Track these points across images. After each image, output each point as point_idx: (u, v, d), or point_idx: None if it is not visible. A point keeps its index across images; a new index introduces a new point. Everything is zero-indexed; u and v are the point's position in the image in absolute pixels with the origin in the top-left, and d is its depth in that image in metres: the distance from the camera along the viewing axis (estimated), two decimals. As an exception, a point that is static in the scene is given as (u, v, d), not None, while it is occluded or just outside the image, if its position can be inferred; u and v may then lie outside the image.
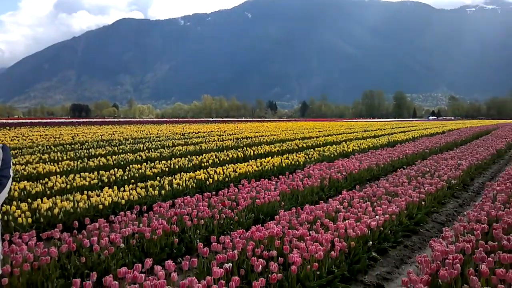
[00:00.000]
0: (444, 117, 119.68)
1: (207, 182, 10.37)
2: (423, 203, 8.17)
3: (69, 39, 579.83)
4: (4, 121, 59.24)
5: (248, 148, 17.37)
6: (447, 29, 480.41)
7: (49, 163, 13.57)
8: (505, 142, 21.60)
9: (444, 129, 37.02)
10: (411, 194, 8.19)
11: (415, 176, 10.64)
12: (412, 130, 33.45)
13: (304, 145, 19.67)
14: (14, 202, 7.70)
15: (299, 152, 16.17)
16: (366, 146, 18.92)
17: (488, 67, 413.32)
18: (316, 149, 17.05)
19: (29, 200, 7.99)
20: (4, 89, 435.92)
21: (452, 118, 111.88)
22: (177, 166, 12.80)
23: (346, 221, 6.19)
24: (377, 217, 6.52)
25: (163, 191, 9.18)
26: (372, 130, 32.75)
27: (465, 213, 6.97)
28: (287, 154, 15.51)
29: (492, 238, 5.50)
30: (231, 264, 4.54)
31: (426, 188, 8.90)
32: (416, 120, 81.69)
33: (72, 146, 19.35)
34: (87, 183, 10.03)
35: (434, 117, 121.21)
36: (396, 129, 35.35)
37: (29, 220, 6.84)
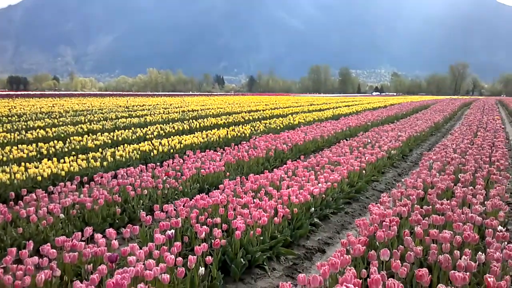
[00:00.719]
0: (387, 93, 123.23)
1: (152, 153, 10.21)
2: (363, 172, 8.43)
3: (4, 7, 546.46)
4: None
5: (194, 120, 17.20)
6: (390, 5, 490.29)
7: (-18, 135, 12.87)
8: (442, 116, 22.57)
9: (386, 103, 38.18)
10: (353, 163, 8.41)
11: (357, 146, 10.94)
12: (356, 105, 34.24)
13: (251, 118, 19.71)
14: None
15: (245, 125, 16.19)
16: (312, 119, 19.22)
17: (430, 44, 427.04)
18: (263, 121, 17.13)
19: (-40, 172, 7.58)
20: None
21: (395, 94, 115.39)
22: (120, 138, 12.49)
23: (290, 189, 6.29)
24: (319, 185, 6.66)
25: (105, 163, 8.96)
26: (317, 104, 33.25)
27: (403, 180, 7.24)
28: (233, 126, 15.49)
29: (428, 203, 5.75)
30: (173, 231, 4.50)
31: (367, 158, 9.18)
32: (360, 96, 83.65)
33: (9, 118, 18.42)
34: (25, 155, 9.61)
35: (377, 93, 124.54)
36: (341, 103, 36.09)
37: (-37, 192, 6.50)
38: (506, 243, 4.36)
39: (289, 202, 5.89)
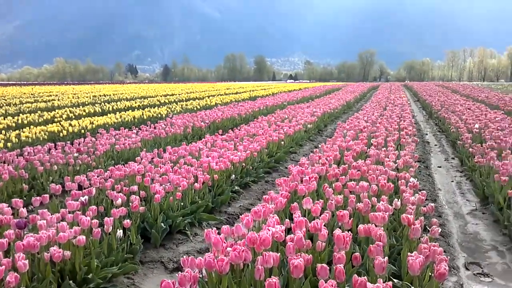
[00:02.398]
0: (301, 80, 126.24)
1: (61, 134, 9.61)
2: (282, 143, 8.52)
3: None
4: None
5: (106, 103, 16.47)
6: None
7: None
8: (353, 96, 23.54)
9: (301, 87, 39.15)
10: (271, 134, 8.47)
11: (275, 121, 11.06)
12: (271, 88, 34.72)
13: (167, 101, 19.25)
14: None
15: (161, 107, 15.77)
16: (229, 100, 19.17)
17: (339, 34, 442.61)
18: (179, 103, 16.80)
19: None
20: None
21: (308, 81, 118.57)
22: (26, 122, 11.65)
23: (209, 158, 6.18)
24: (239, 153, 6.62)
25: (9, 143, 8.29)
26: (234, 89, 33.31)
27: (320, 146, 7.40)
28: (149, 108, 15.02)
29: (344, 164, 5.90)
30: (87, 197, 4.23)
31: (285, 130, 9.29)
32: (275, 83, 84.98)
33: None
34: None
35: (292, 80, 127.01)
36: (257, 88, 36.42)
37: None
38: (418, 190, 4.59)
39: (209, 169, 5.78)
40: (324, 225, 3.27)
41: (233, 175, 6.17)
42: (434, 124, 14.10)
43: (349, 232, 3.10)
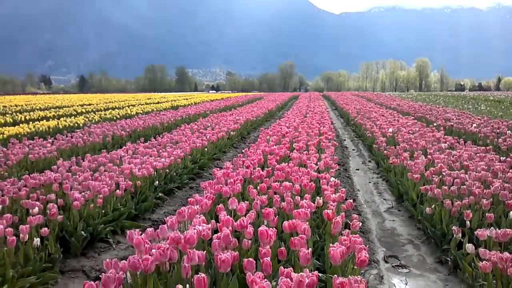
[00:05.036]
0: (223, 91, 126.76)
1: (-35, 145, 8.92)
2: (206, 149, 8.51)
3: None
4: None
5: (18, 114, 15.52)
6: (220, 9, 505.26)
7: None
8: (275, 104, 24.03)
9: (223, 96, 39.32)
10: (195, 141, 8.42)
11: (198, 129, 11.01)
12: (193, 98, 34.54)
13: (84, 110, 18.51)
14: None
15: (78, 116, 15.14)
16: (150, 110, 18.81)
17: (259, 46, 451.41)
18: (98, 113, 16.23)
19: None
20: None
21: (230, 91, 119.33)
22: None
23: (131, 164, 6.03)
24: (162, 159, 6.52)
25: None
26: (155, 98, 32.75)
27: (243, 151, 7.48)
28: (65, 118, 14.36)
29: (268, 167, 6.00)
30: (0, 206, 3.96)
31: (208, 137, 9.28)
32: (197, 93, 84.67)
33: None
34: None
35: (213, 91, 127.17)
36: (179, 98, 36.06)
37: None
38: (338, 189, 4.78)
39: (131, 176, 5.64)
40: (250, 224, 3.30)
41: (157, 181, 6.06)
42: (351, 131, 14.73)
43: (275, 229, 3.15)
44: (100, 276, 3.88)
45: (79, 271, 3.95)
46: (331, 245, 2.83)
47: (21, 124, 11.90)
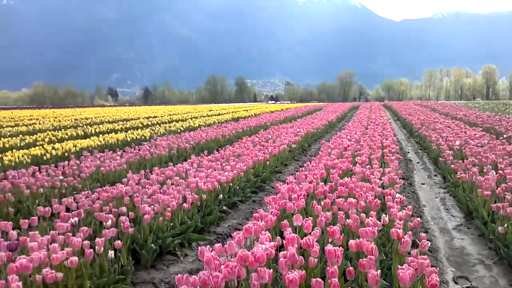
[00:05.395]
0: (282, 101, 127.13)
1: (44, 157, 9.52)
2: (267, 163, 8.59)
3: None
4: None
5: (89, 126, 16.38)
6: (279, 17, 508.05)
7: None
8: (335, 115, 23.84)
9: (282, 108, 39.48)
10: (257, 154, 8.53)
11: (259, 142, 11.13)
12: (253, 109, 34.95)
13: (149, 123, 19.22)
14: None
15: (144, 129, 15.74)
16: (212, 122, 19.23)
17: (318, 54, 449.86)
18: (162, 125, 16.81)
19: None
20: None
21: (289, 102, 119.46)
22: (7, 145, 11.51)
23: (197, 178, 6.21)
24: (226, 173, 6.66)
25: (-9, 168, 8.19)
26: (216, 110, 33.44)
27: (305, 165, 7.49)
28: (132, 130, 14.99)
29: (331, 181, 5.98)
30: (77, 219, 4.21)
31: (270, 150, 9.37)
32: (257, 104, 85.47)
33: None
34: None
35: (272, 101, 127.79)
36: (239, 109, 36.60)
37: None
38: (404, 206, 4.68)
39: (197, 189, 5.81)
40: (316, 242, 3.32)
41: (221, 195, 6.19)
42: (415, 142, 14.34)
43: (340, 247, 3.15)
44: (169, 288, 4.05)
45: (150, 283, 4.10)
46: (399, 266, 2.79)
47: (92, 137, 12.54)
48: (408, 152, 12.32)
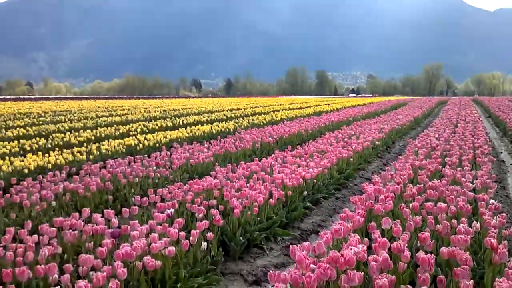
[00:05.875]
0: (363, 94, 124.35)
1: (138, 147, 10.13)
2: (351, 159, 8.53)
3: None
4: None
5: (176, 118, 17.14)
6: (361, 9, 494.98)
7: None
8: (421, 111, 22.97)
9: (365, 102, 38.68)
10: (341, 151, 8.50)
11: (342, 138, 11.06)
12: (335, 103, 34.57)
13: (233, 115, 19.71)
14: None
15: (228, 121, 16.18)
16: (294, 116, 19.33)
17: (402, 46, 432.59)
18: (245, 118, 17.18)
19: None
20: None
21: (371, 95, 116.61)
22: (103, 135, 12.37)
23: (282, 174, 6.33)
24: (310, 170, 6.72)
25: (91, 156, 8.86)
26: (298, 103, 33.49)
27: (392, 164, 7.36)
28: (217, 123, 15.47)
29: (419, 183, 5.85)
30: (173, 210, 4.49)
31: (353, 147, 9.29)
32: (338, 97, 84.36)
33: (-15, 118, 18.06)
34: (7, 151, 9.44)
35: (354, 94, 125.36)
36: (320, 103, 36.37)
37: None
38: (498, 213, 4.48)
39: (282, 185, 5.93)
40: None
41: (305, 191, 6.27)
42: (509, 142, 13.52)
43: (431, 254, 3.12)
44: (256, 280, 4.21)
45: (237, 275, 4.28)
46: (497, 279, 2.72)
47: (180, 129, 13.11)
48: (501, 153, 11.65)
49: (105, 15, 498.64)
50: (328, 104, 31.54)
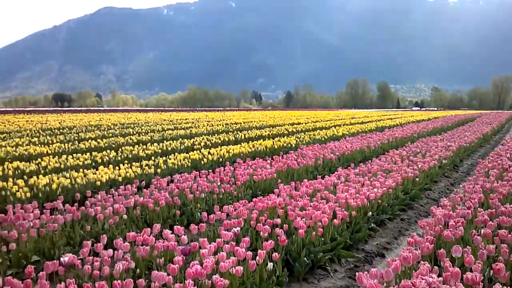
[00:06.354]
0: (427, 108, 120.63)
1: (202, 161, 10.40)
2: (417, 179, 8.32)
3: (50, 28, 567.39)
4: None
5: (238, 132, 17.43)
6: (428, 19, 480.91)
7: (39, 145, 13.42)
8: (490, 127, 22.00)
9: (430, 116, 37.52)
10: (406, 170, 8.32)
11: (407, 156, 10.80)
12: (398, 118, 33.79)
13: (294, 130, 19.77)
14: (10, 179, 7.57)
15: (289, 136, 16.25)
16: (355, 131, 19.10)
17: (468, 58, 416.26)
18: (307, 133, 17.17)
19: (25, 177, 7.94)
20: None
21: (435, 108, 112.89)
22: (169, 148, 12.78)
23: (346, 193, 6.29)
24: (375, 189, 6.63)
25: (159, 169, 9.19)
26: (359, 118, 33.04)
27: (461, 185, 7.11)
28: (278, 137, 15.58)
29: (490, 207, 5.63)
30: (239, 228, 4.60)
31: (419, 166, 9.06)
32: (400, 110, 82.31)
33: (60, 130, 19.18)
34: (80, 163, 9.98)
35: (417, 108, 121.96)
36: (382, 117, 35.68)
37: (28, 194, 6.78)
38: None
39: (346, 205, 5.89)
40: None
41: (370, 212, 6.20)
42: None
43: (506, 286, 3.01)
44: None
45: (302, 295, 4.31)
46: None
47: (242, 144, 13.32)
48: None
49: (171, 29, 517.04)
50: (391, 119, 30.88)
